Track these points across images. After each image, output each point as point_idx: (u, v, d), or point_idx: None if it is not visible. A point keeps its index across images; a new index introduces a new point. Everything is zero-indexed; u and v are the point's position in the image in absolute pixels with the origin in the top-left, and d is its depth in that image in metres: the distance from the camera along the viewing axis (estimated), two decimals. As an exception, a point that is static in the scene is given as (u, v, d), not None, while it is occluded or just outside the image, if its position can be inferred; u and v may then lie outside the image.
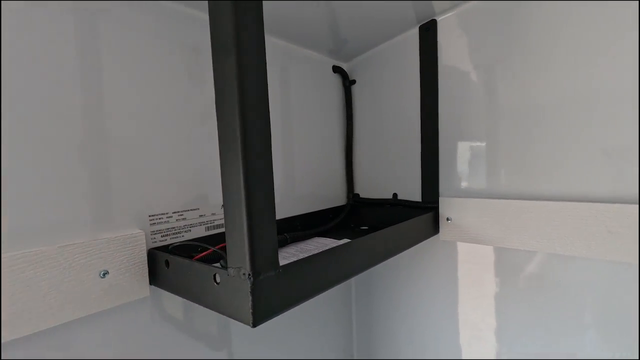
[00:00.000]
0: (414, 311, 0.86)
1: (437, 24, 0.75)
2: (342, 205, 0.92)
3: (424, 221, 0.72)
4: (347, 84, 0.91)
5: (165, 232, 0.54)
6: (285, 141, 0.76)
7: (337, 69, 0.89)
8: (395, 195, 0.85)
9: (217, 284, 0.39)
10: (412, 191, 0.82)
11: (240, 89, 0.33)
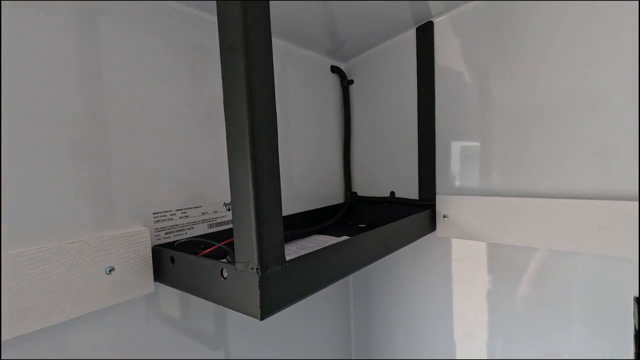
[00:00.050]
0: (412, 307, 0.88)
1: (434, 26, 0.76)
2: (340, 203, 0.93)
3: (422, 218, 0.74)
4: (345, 83, 0.92)
5: (168, 229, 0.54)
6: (283, 140, 0.77)
7: (335, 69, 0.91)
8: (392, 193, 0.87)
9: (224, 279, 0.39)
10: (409, 189, 0.84)
11: (248, 89, 0.34)
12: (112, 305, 0.46)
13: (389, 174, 0.88)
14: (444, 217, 0.77)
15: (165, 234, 0.54)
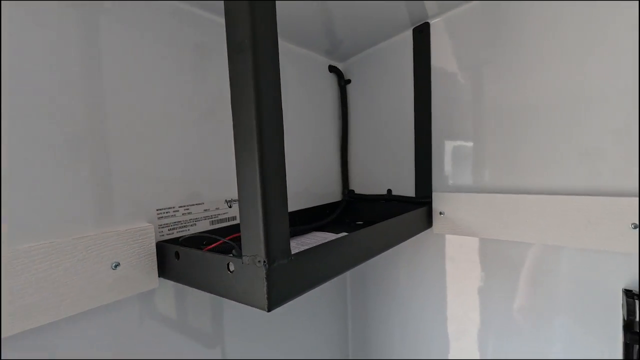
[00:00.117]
0: (408, 302, 0.90)
1: (430, 27, 0.78)
2: (337, 201, 0.94)
3: (418, 215, 0.76)
4: (343, 83, 0.94)
5: (172, 225, 0.55)
6: (283, 139, 0.78)
7: (332, 69, 0.92)
8: (389, 191, 0.89)
9: (231, 272, 0.40)
10: (406, 187, 0.85)
11: (256, 87, 0.35)
12: (115, 300, 0.46)
13: (386, 172, 0.89)
14: (440, 213, 0.78)
15: (168, 230, 0.55)
